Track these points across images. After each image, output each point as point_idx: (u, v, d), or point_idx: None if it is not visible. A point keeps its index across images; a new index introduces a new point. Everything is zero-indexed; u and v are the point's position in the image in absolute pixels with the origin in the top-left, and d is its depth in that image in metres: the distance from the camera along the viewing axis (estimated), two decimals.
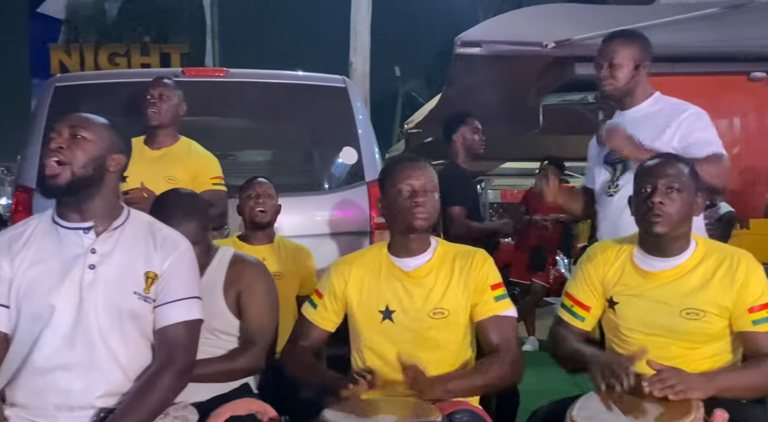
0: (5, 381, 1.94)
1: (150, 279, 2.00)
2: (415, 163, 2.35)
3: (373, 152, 4.39)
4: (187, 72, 4.36)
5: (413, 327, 2.27)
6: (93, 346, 1.93)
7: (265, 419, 2.28)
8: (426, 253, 2.33)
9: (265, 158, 5.13)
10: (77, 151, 1.96)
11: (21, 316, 1.93)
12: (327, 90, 4.51)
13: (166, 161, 3.51)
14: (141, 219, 2.11)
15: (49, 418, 1.90)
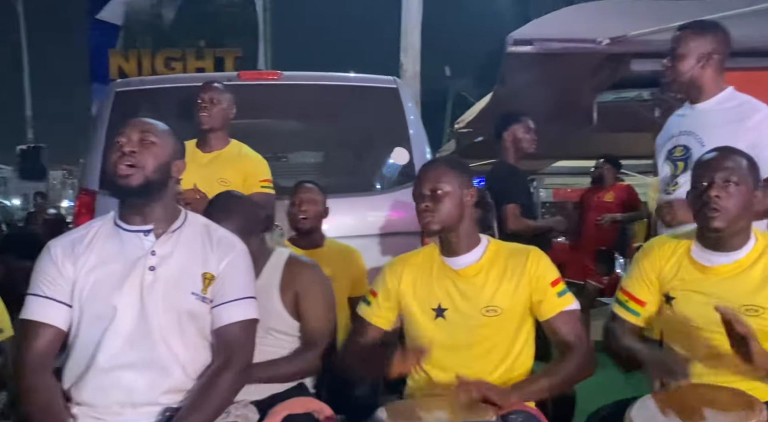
0: (72, 381, 2.00)
1: (207, 280, 2.05)
2: (426, 167, 2.38)
3: (424, 152, 4.40)
4: (242, 75, 4.44)
5: (465, 324, 2.27)
6: (154, 346, 1.98)
7: (322, 418, 2.30)
8: (475, 251, 2.33)
9: (317, 159, 5.19)
10: (148, 156, 2.02)
11: (84, 317, 1.99)
12: (378, 91, 4.53)
13: (218, 164, 3.58)
14: (197, 221, 2.16)
15: (114, 416, 1.95)
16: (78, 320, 2.00)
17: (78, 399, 1.98)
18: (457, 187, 2.29)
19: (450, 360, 2.27)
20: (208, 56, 12.26)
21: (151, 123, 2.10)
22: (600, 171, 6.85)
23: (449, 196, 2.28)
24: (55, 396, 1.95)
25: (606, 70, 5.32)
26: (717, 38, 2.80)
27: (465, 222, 2.31)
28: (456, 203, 2.28)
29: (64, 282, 2.00)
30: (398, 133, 4.38)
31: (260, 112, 4.48)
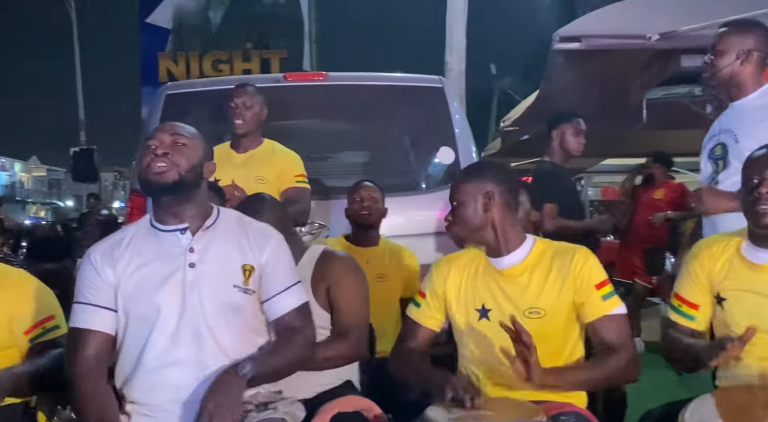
0: (122, 380, 2.04)
1: (247, 272, 2.08)
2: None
3: (470, 151, 4.39)
4: (288, 77, 4.49)
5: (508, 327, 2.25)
6: (200, 342, 2.01)
7: (371, 416, 2.31)
8: (519, 251, 2.30)
9: (363, 159, 5.21)
10: (181, 157, 2.04)
11: (130, 319, 2.03)
12: (424, 90, 4.53)
13: (254, 163, 3.63)
14: (230, 215, 2.19)
15: (165, 413, 1.99)
16: (124, 322, 2.04)
17: (130, 397, 2.02)
18: (471, 194, 2.28)
19: (495, 362, 2.25)
20: (255, 58, 12.39)
21: (182, 126, 2.14)
22: (649, 170, 6.74)
23: (464, 206, 2.29)
24: (109, 401, 1.99)
25: (656, 67, 5.23)
26: (758, 36, 2.77)
27: (497, 225, 2.29)
28: (473, 211, 2.28)
29: (106, 288, 2.04)
30: (444, 132, 4.38)
31: (306, 113, 4.52)
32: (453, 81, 7.66)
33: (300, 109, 4.36)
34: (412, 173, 4.67)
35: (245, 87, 3.72)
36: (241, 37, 12.91)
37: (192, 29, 12.68)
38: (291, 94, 4.16)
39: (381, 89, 4.58)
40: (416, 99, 4.52)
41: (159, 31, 12.38)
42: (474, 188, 2.29)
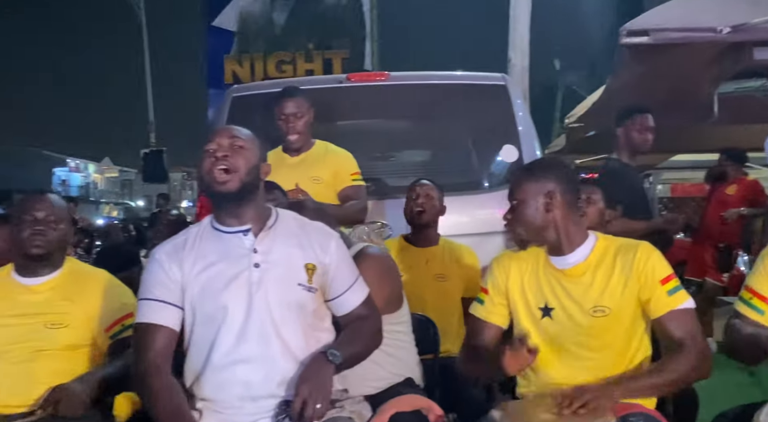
0: (192, 379, 2.09)
1: (310, 271, 2.12)
2: None
3: (534, 149, 4.34)
4: (351, 77, 4.52)
5: (573, 325, 2.23)
6: (266, 340, 2.05)
7: (431, 416, 2.31)
8: (581, 250, 2.28)
9: (424, 158, 5.21)
10: (240, 160, 2.09)
11: (197, 319, 2.08)
12: (487, 88, 4.51)
13: (308, 164, 3.67)
14: (287, 216, 2.24)
15: (234, 409, 2.03)
16: (191, 321, 2.09)
17: (200, 394, 2.07)
18: (532, 194, 2.26)
19: (560, 361, 2.24)
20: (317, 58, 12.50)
21: (238, 129, 2.18)
22: (721, 168, 6.55)
23: (524, 205, 2.26)
24: (179, 396, 2.03)
25: (727, 60, 5.08)
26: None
27: (559, 225, 2.26)
28: (533, 211, 2.25)
29: (173, 286, 2.09)
30: (507, 130, 4.34)
31: (369, 113, 4.55)
32: (516, 78, 7.60)
33: (362, 109, 4.39)
34: (474, 172, 4.65)
35: (293, 97, 3.71)
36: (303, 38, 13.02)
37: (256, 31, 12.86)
38: (354, 94, 4.19)
39: (443, 88, 4.58)
40: (479, 97, 4.49)
41: (224, 33, 12.61)
42: (535, 187, 2.27)
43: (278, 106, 3.67)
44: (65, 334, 2.46)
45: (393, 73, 4.57)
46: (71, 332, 2.47)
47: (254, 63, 12.45)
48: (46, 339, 2.44)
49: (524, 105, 4.60)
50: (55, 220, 2.55)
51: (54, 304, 2.49)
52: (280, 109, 3.66)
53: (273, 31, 12.99)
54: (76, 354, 2.48)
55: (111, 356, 2.51)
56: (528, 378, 2.32)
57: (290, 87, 3.91)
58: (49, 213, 2.55)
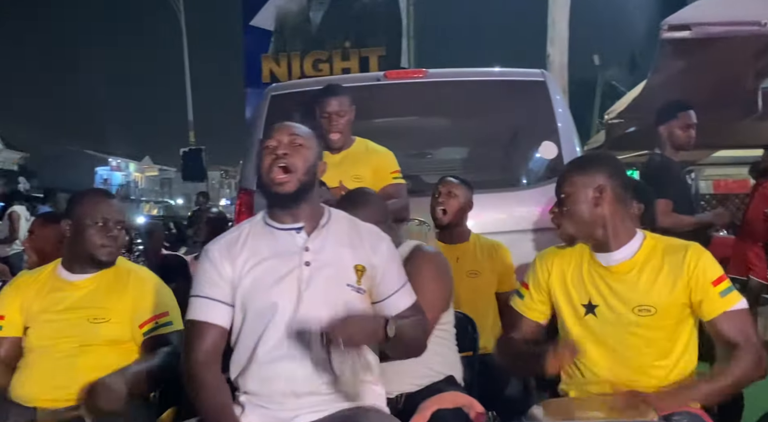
0: (237, 372, 2.11)
1: (359, 272, 2.11)
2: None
3: (573, 145, 4.30)
4: (388, 75, 4.50)
5: (617, 323, 2.20)
6: (312, 338, 2.03)
7: (472, 414, 2.31)
8: (627, 247, 2.25)
9: (462, 155, 5.19)
10: (298, 158, 2.11)
11: (247, 314, 2.09)
12: (525, 84, 4.47)
13: (349, 162, 3.67)
14: (341, 216, 2.24)
15: (277, 404, 2.04)
16: (242, 317, 2.10)
17: (243, 388, 2.09)
18: (582, 187, 2.23)
19: (603, 358, 2.21)
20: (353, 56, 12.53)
21: (298, 126, 2.19)
22: (765, 163, 6.41)
23: (573, 199, 2.23)
24: (225, 395, 2.05)
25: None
26: None
27: (607, 221, 2.23)
28: (583, 206, 2.23)
29: (224, 283, 2.10)
30: (546, 126, 4.30)
31: (406, 110, 4.54)
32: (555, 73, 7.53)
33: (400, 107, 4.39)
34: (512, 169, 4.62)
35: (336, 95, 3.69)
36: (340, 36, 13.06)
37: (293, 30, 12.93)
38: (391, 92, 4.19)
39: (481, 84, 4.55)
40: (518, 93, 4.46)
41: (262, 33, 12.72)
42: (585, 181, 2.24)
43: (321, 104, 3.67)
44: (107, 329, 2.50)
45: (431, 70, 4.55)
46: (113, 327, 2.51)
47: (291, 62, 12.54)
48: (89, 334, 2.49)
49: (563, 101, 4.55)
50: (121, 224, 2.61)
51: (97, 299, 2.54)
52: (323, 107, 3.66)
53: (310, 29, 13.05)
54: (118, 349, 2.52)
55: (145, 353, 2.54)
56: (570, 374, 2.29)
57: (333, 85, 3.89)
58: (119, 218, 2.61)
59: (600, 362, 2.21)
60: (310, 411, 2.03)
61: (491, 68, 4.88)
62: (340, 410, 2.04)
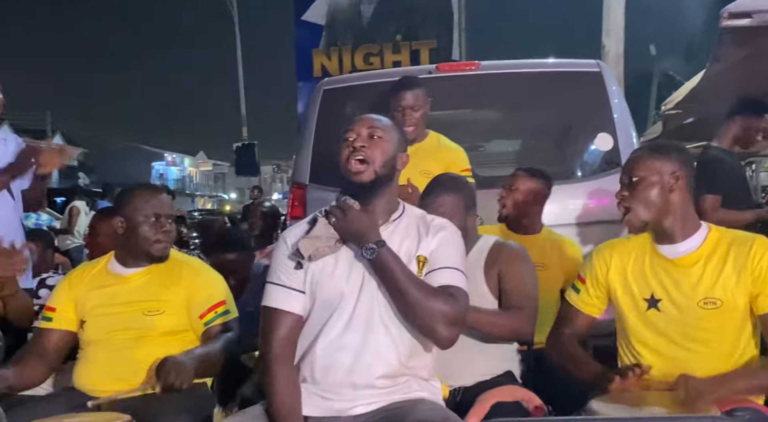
0: (297, 359, 2.12)
1: (421, 263, 2.10)
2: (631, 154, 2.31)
3: (630, 137, 4.22)
4: (440, 68, 4.48)
5: (681, 317, 2.17)
6: (372, 330, 2.06)
7: (531, 407, 2.30)
8: (693, 239, 2.21)
9: (514, 148, 5.14)
10: (376, 151, 2.11)
11: (316, 302, 2.11)
12: (580, 75, 4.40)
13: (420, 156, 3.64)
14: (414, 212, 2.23)
15: (335, 394, 2.06)
16: (310, 305, 2.12)
17: (304, 375, 2.11)
18: (657, 172, 2.19)
19: (665, 354, 2.17)
20: (404, 49, 12.50)
21: (378, 118, 2.19)
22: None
23: (646, 183, 2.19)
24: (296, 394, 2.07)
25: None
26: None
27: (677, 210, 2.19)
28: (657, 191, 2.18)
29: (299, 271, 2.12)
30: (602, 118, 4.23)
31: (459, 103, 4.52)
32: (611, 64, 7.40)
33: (452, 100, 4.36)
34: (566, 161, 4.55)
35: (412, 89, 3.65)
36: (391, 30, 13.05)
37: (344, 24, 12.97)
38: (443, 84, 4.17)
39: (535, 76, 4.50)
40: (572, 84, 4.39)
41: (313, 27, 12.79)
42: (661, 166, 2.20)
43: (395, 98, 3.64)
44: (162, 321, 2.55)
45: (483, 62, 4.52)
46: (168, 318, 2.56)
47: (342, 56, 12.58)
48: (145, 326, 2.54)
49: (619, 92, 4.47)
50: (172, 218, 2.66)
51: (150, 292, 2.59)
52: (397, 100, 3.63)
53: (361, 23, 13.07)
54: (175, 339, 2.57)
55: (205, 341, 2.58)
56: None
57: (409, 77, 3.86)
58: (170, 213, 2.66)
59: (662, 357, 2.17)
60: (366, 403, 2.04)
61: (545, 59, 4.82)
62: (395, 402, 2.04)
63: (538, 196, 3.52)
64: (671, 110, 8.53)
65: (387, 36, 12.79)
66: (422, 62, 11.33)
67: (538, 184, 3.51)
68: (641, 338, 2.22)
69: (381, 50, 12.51)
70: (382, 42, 12.64)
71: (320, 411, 2.06)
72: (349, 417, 2.03)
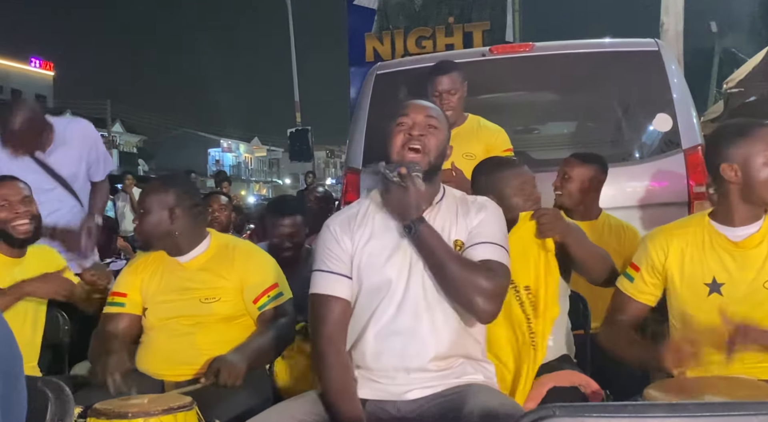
0: (350, 345, 2.15)
1: (458, 247, 2.11)
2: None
3: (690, 117, 4.12)
4: (494, 50, 4.44)
5: (746, 300, 2.12)
6: (419, 314, 2.07)
7: (588, 392, 2.28)
8: (757, 222, 2.16)
9: (570, 130, 5.06)
10: (432, 140, 2.12)
11: (363, 288, 2.12)
12: (638, 55, 4.31)
13: (461, 139, 3.63)
14: (454, 195, 2.23)
15: (389, 379, 2.07)
16: (357, 291, 2.14)
17: (357, 362, 2.13)
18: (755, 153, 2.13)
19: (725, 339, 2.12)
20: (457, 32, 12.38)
21: (433, 107, 2.20)
22: None
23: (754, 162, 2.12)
24: (349, 376, 2.09)
25: None
26: None
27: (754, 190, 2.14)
28: (761, 167, 2.13)
29: (345, 257, 2.14)
30: (661, 98, 4.14)
31: (513, 86, 4.47)
32: (669, 42, 7.22)
33: (507, 82, 4.32)
34: (624, 143, 4.47)
35: (448, 73, 3.65)
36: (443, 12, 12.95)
37: (396, 8, 12.92)
38: (497, 67, 4.13)
39: (592, 56, 4.42)
40: (630, 64, 4.30)
41: (365, 11, 12.78)
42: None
43: (432, 82, 3.65)
44: (219, 307, 2.60)
45: (538, 43, 4.45)
46: (224, 305, 2.61)
47: (394, 39, 12.54)
48: (203, 313, 2.59)
49: (678, 71, 4.35)
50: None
51: (205, 280, 2.63)
52: (434, 85, 3.64)
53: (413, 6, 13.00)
54: (234, 324, 2.63)
55: (261, 325, 2.63)
56: None
57: (444, 62, 3.85)
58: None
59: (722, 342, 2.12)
60: (421, 387, 2.05)
61: (602, 39, 4.72)
62: (450, 387, 2.05)
63: (593, 182, 3.45)
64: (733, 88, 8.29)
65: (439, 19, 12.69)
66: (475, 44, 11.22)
67: (593, 170, 3.45)
68: (701, 323, 2.18)
69: (433, 33, 12.43)
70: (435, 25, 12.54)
71: (376, 394, 2.07)
72: (405, 401, 2.05)
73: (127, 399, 2.15)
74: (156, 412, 2.01)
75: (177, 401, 2.09)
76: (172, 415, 2.02)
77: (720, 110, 10.04)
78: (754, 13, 22.38)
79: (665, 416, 1.23)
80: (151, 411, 2.01)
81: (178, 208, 2.63)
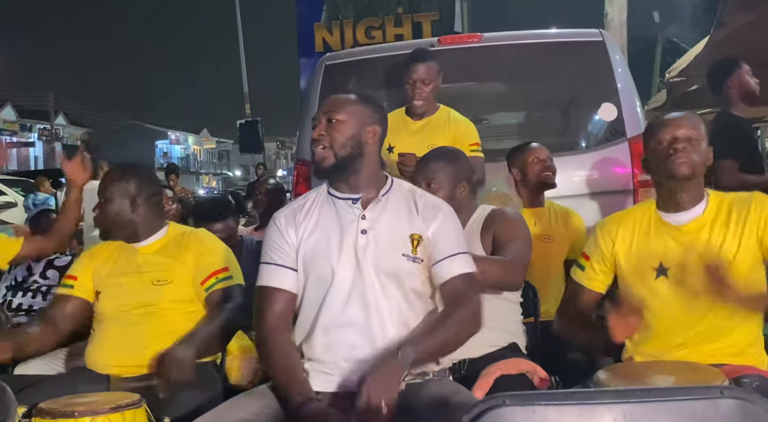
0: (301, 338, 2.15)
1: (416, 241, 2.12)
2: (677, 114, 2.29)
3: (634, 106, 4.20)
4: (442, 41, 4.45)
5: (693, 283, 2.17)
6: (368, 305, 2.08)
7: (536, 379, 2.31)
8: (698, 207, 2.23)
9: (518, 120, 5.11)
10: (335, 134, 2.14)
11: (309, 279, 2.14)
12: (583, 45, 4.37)
13: (429, 130, 3.64)
14: (402, 187, 2.25)
15: (340, 370, 2.07)
16: (303, 282, 2.15)
17: (308, 355, 2.13)
18: (702, 134, 2.22)
19: (677, 321, 2.18)
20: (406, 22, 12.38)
21: (336, 100, 2.21)
22: None
23: (696, 142, 2.20)
24: (293, 356, 2.10)
25: None
26: None
27: (701, 171, 2.23)
28: (705, 150, 2.23)
29: (289, 249, 2.16)
30: (605, 87, 4.21)
31: (461, 76, 4.48)
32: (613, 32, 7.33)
33: (455, 73, 4.34)
34: (571, 132, 4.54)
35: (425, 61, 3.65)
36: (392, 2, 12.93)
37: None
38: (446, 57, 4.14)
39: (538, 47, 4.46)
40: (575, 55, 4.36)
41: (314, 1, 12.67)
42: (702, 131, 2.24)
43: (408, 71, 3.64)
44: (170, 290, 2.59)
45: (486, 34, 4.48)
46: (176, 287, 2.60)
47: (344, 30, 12.47)
48: (154, 296, 2.58)
49: (623, 61, 4.43)
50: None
51: (159, 262, 2.64)
52: (409, 73, 3.63)
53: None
54: (184, 314, 2.59)
55: (209, 310, 2.61)
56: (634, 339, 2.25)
57: (421, 50, 3.85)
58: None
59: (673, 326, 2.18)
60: None
61: (548, 30, 4.77)
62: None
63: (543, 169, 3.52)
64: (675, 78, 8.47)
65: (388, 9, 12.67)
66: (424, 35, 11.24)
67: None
68: (649, 307, 2.23)
69: (383, 24, 12.41)
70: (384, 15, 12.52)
71: (328, 386, 2.07)
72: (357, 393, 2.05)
73: (73, 398, 2.10)
74: (103, 410, 1.97)
75: (125, 398, 2.05)
76: (120, 413, 1.99)
77: (663, 99, 10.25)
78: (696, 2, 22.87)
79: (612, 402, 1.26)
80: (98, 410, 1.97)
81: (139, 196, 2.65)
